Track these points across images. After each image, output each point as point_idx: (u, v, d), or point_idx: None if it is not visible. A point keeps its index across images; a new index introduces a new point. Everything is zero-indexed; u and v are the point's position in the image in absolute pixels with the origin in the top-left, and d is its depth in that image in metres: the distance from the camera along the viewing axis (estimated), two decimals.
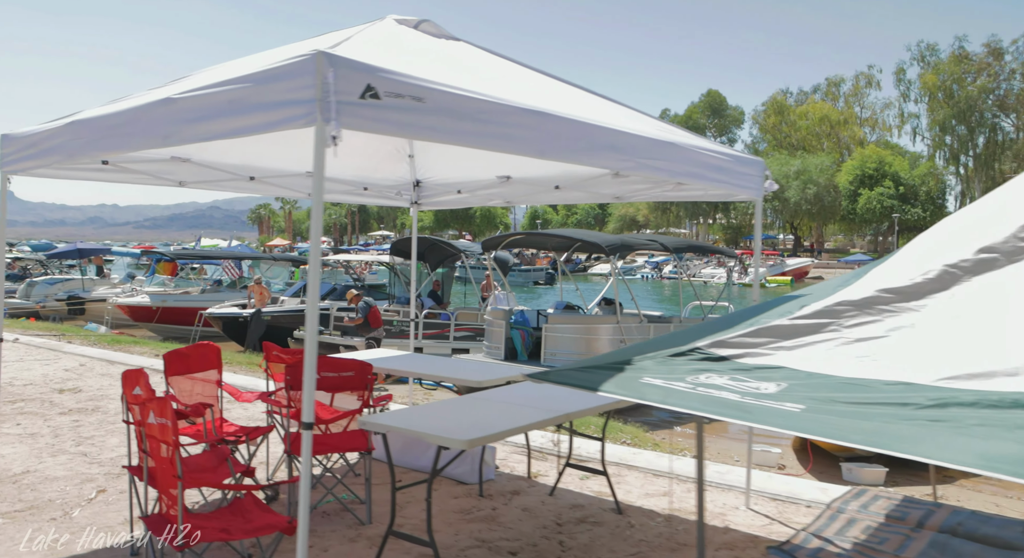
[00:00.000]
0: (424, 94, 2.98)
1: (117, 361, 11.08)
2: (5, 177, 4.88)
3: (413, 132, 2.97)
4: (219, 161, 5.78)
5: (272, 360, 5.65)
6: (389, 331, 16.34)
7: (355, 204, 10.03)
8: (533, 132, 3.44)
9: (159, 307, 22.04)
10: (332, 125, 2.67)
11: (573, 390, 5.30)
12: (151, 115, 3.45)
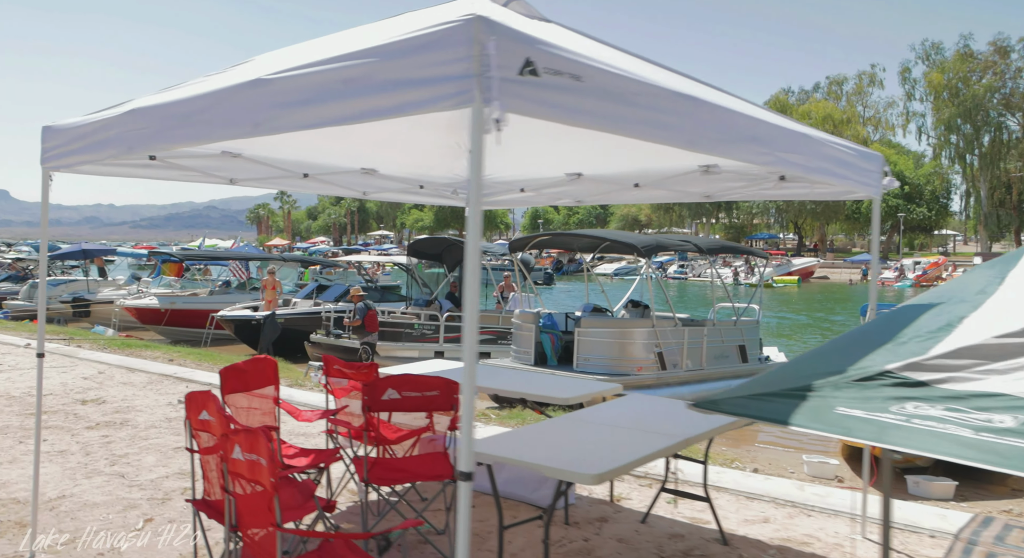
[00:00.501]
0: (582, 72, 2.49)
1: (137, 368, 10.57)
2: (47, 174, 4.38)
3: (570, 116, 2.48)
4: (272, 157, 5.29)
5: (333, 375, 5.16)
6: (410, 335, 15.86)
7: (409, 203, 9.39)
8: (686, 120, 2.95)
9: (167, 309, 21.52)
10: (495, 106, 2.18)
11: (677, 408, 4.84)
12: (236, 100, 2.96)
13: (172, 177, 4.92)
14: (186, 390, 9.01)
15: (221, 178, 5.22)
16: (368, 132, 5.37)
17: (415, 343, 15.91)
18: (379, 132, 5.44)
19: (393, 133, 5.53)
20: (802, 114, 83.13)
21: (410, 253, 18.86)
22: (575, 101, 2.47)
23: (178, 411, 7.95)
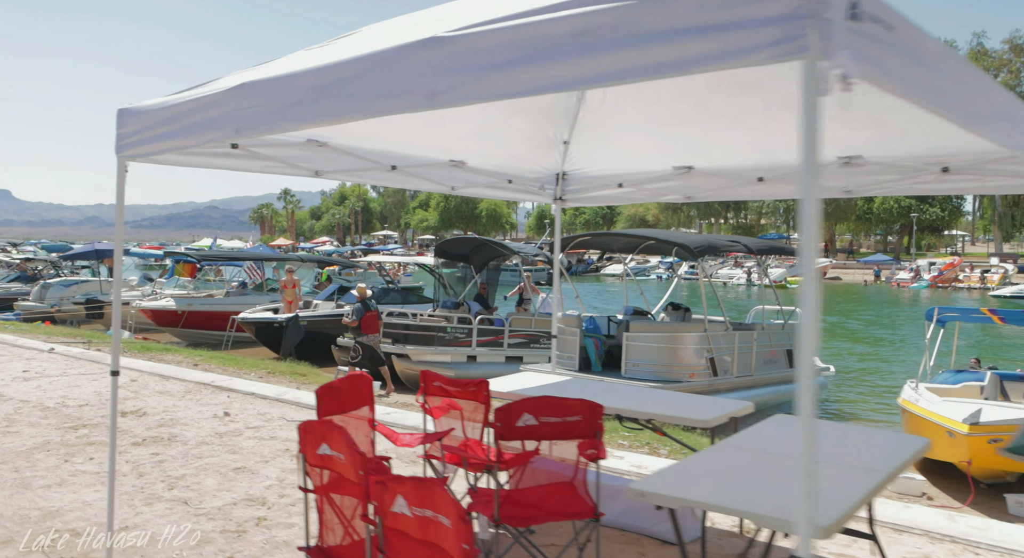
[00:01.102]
0: (895, 22, 1.91)
1: (171, 376, 9.98)
2: (123, 165, 3.80)
3: (884, 79, 1.89)
4: (358, 146, 4.71)
5: (433, 392, 4.57)
6: (442, 338, 15.28)
7: (497, 199, 8.43)
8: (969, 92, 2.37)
9: (184, 311, 20.96)
10: (845, 56, 1.59)
11: (849, 433, 4.25)
12: (399, 65, 2.38)
13: (253, 168, 4.34)
14: (228, 400, 8.45)
15: (305, 170, 4.63)
16: (461, 120, 4.80)
17: (448, 347, 15.34)
18: (472, 120, 4.87)
19: (487, 121, 4.96)
20: None
21: (437, 254, 18.28)
22: (886, 58, 1.88)
23: (227, 425, 7.36)
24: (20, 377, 9.75)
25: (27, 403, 8.20)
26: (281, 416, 7.76)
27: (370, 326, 13.24)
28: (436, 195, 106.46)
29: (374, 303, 14.25)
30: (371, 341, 13.29)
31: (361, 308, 13.21)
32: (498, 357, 16.13)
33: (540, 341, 16.95)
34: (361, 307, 13.22)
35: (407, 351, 14.84)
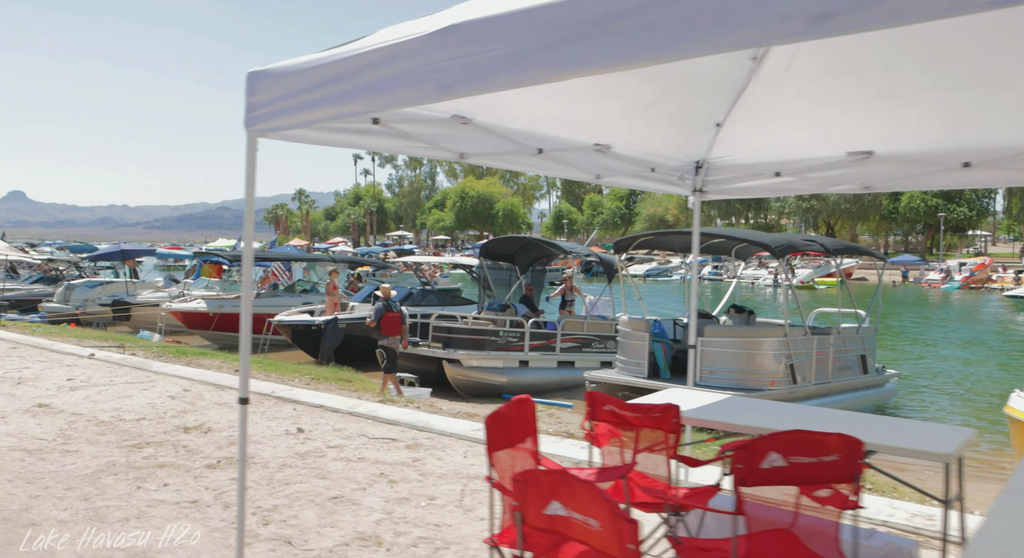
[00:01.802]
0: None
1: (226, 385, 9.28)
2: (253, 142, 3.07)
3: None
4: (504, 126, 3.98)
5: (603, 418, 3.83)
6: (494, 343, 14.55)
7: (635, 189, 7.41)
8: None
9: (215, 313, 20.30)
10: None
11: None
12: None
13: (395, 148, 3.62)
14: (295, 413, 7.74)
15: (450, 151, 3.89)
16: (612, 96, 4.06)
17: (500, 352, 14.61)
18: (624, 96, 4.13)
19: (641, 98, 4.21)
20: None
21: (483, 255, 17.55)
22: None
23: (304, 443, 6.64)
24: (66, 386, 9.07)
25: (80, 416, 7.51)
26: (360, 433, 7.03)
27: (391, 328, 12.61)
28: (452, 195, 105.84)
29: (397, 305, 13.63)
30: (392, 344, 12.67)
31: (382, 308, 12.57)
32: (550, 362, 15.43)
33: (592, 345, 16.23)
34: (382, 307, 12.58)
35: (458, 356, 14.11)
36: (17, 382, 9.28)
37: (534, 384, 15.07)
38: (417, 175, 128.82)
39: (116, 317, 23.63)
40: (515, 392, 15.19)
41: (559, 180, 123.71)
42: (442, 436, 6.91)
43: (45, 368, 10.39)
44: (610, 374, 12.49)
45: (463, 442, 6.72)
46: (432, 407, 10.29)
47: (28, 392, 8.67)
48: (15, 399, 8.27)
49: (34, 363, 10.87)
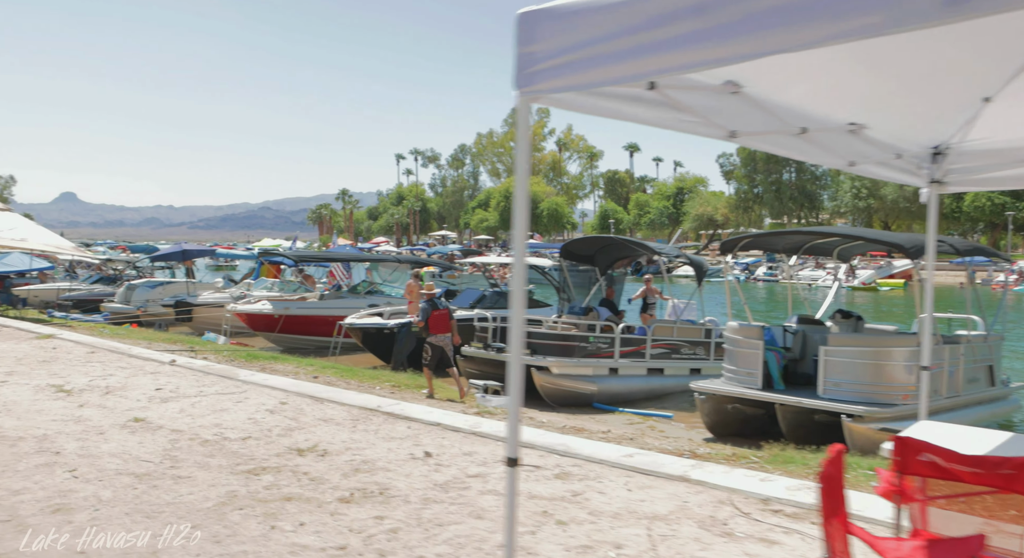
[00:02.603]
0: None
1: (326, 398, 8.57)
2: (526, 108, 2.27)
3: None
4: (770, 99, 3.14)
5: (921, 472, 2.95)
6: (584, 349, 13.72)
7: (872, 178, 6.38)
8: None
9: (281, 315, 19.77)
10: None
11: None
12: None
13: (665, 122, 2.81)
14: (412, 433, 6.99)
15: (720, 129, 3.07)
16: (880, 65, 3.21)
17: (590, 359, 13.77)
18: (893, 64, 3.25)
19: (909, 67, 3.34)
20: None
21: (563, 255, 16.73)
22: None
23: (438, 471, 5.88)
24: (156, 397, 8.45)
25: (180, 434, 6.85)
26: (495, 458, 6.24)
27: (439, 325, 12.02)
28: (496, 195, 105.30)
29: (443, 301, 12.96)
30: (441, 341, 12.05)
31: (427, 307, 12.01)
32: (639, 370, 14.55)
33: (681, 351, 15.31)
34: (427, 306, 12.02)
35: (547, 363, 13.30)
36: (105, 391, 8.69)
37: (624, 393, 14.23)
38: (460, 175, 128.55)
39: (178, 318, 23.29)
40: (604, 401, 14.37)
41: (602, 179, 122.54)
42: (590, 463, 6.09)
43: (129, 376, 9.82)
44: (718, 384, 11.56)
45: (617, 471, 5.90)
46: (534, 421, 9.51)
47: (119, 403, 8.06)
48: (108, 412, 7.66)
49: (116, 369, 10.32)
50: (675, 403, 14.77)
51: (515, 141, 2.37)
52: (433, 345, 12.01)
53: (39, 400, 8.18)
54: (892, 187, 66.30)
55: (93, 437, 6.68)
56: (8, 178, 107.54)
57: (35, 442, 6.51)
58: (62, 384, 9.07)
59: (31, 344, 12.86)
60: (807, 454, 7.78)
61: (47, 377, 9.60)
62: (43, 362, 10.88)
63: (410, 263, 22.64)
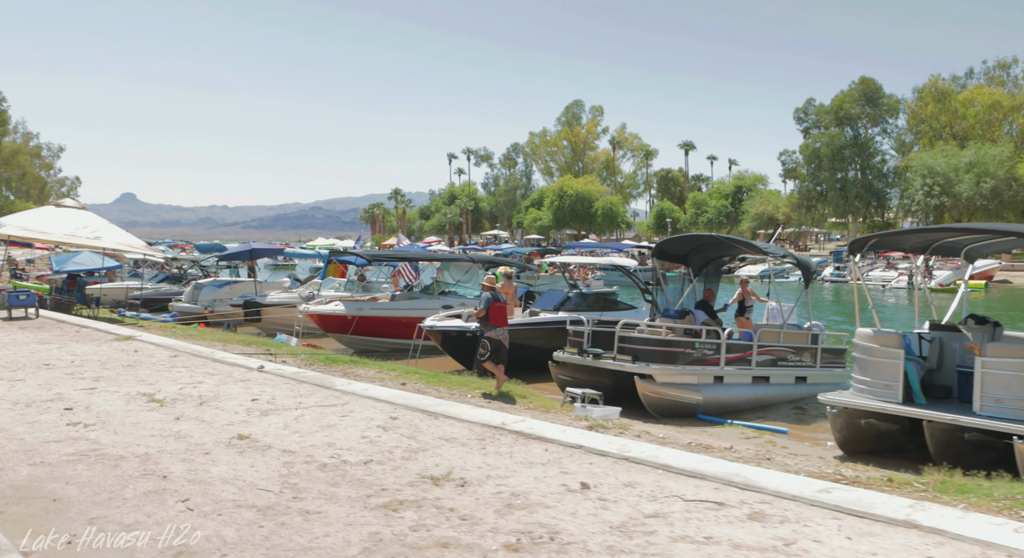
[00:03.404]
0: None
1: (440, 413, 7.73)
2: None
3: None
4: None
5: None
6: (689, 356, 12.72)
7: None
8: None
9: (354, 317, 19.13)
10: None
11: None
12: None
13: None
14: (551, 455, 6.12)
15: None
16: None
17: (695, 367, 12.76)
18: None
19: None
20: (964, 102, 75.83)
21: (657, 255, 15.72)
22: None
23: (607, 508, 4.97)
24: (255, 410, 7.74)
25: (293, 455, 6.09)
26: (665, 490, 5.32)
27: (498, 318, 11.31)
28: (549, 194, 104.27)
29: (502, 295, 12.11)
30: (499, 335, 11.33)
31: (490, 298, 11.24)
32: (744, 378, 13.47)
33: (787, 358, 14.19)
34: (490, 297, 11.25)
35: (651, 371, 12.33)
36: (199, 402, 8.01)
37: (729, 403, 13.19)
38: (512, 174, 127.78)
39: (247, 318, 22.88)
40: (710, 412, 13.33)
41: (655, 179, 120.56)
42: (780, 499, 5.13)
43: (219, 383, 9.15)
44: (852, 397, 10.44)
45: (819, 511, 4.92)
46: (652, 437, 8.58)
47: (217, 416, 7.36)
48: (208, 426, 6.94)
49: (204, 376, 9.67)
50: (779, 414, 13.70)
51: None
52: (491, 339, 11.34)
53: (132, 411, 7.53)
54: (968, 184, 63.51)
55: (199, 458, 5.95)
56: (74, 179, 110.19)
57: (138, 462, 5.80)
58: (153, 393, 8.42)
59: (111, 346, 12.36)
60: (981, 481, 6.71)
61: (135, 384, 8.98)
62: (128, 367, 10.31)
63: (485, 263, 21.85)
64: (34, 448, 6.21)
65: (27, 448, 6.21)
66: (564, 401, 12.33)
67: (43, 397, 8.18)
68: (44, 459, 5.90)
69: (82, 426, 6.91)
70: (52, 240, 21.12)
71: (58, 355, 11.29)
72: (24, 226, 19.35)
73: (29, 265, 49.07)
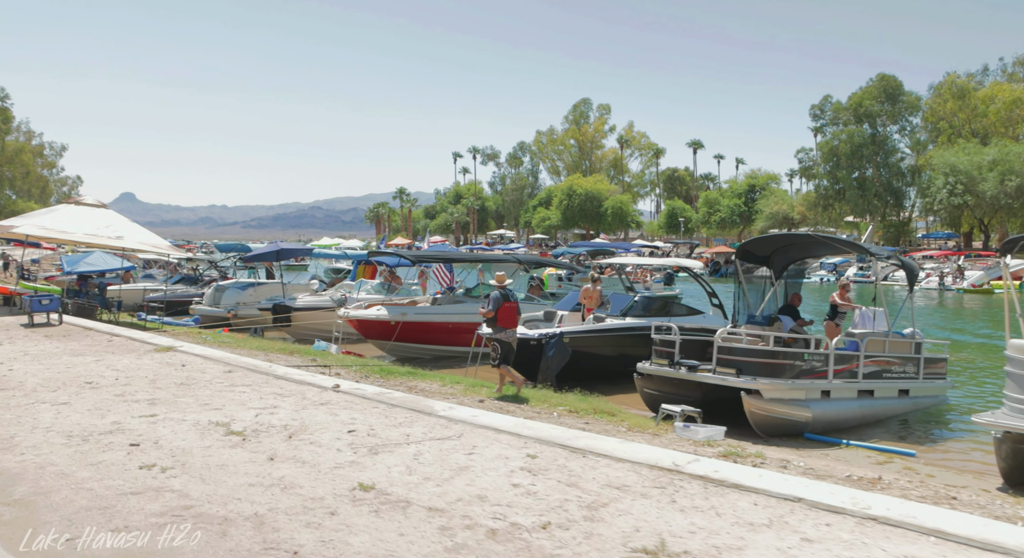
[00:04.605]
0: None
1: (583, 449, 6.37)
2: None
3: None
4: None
5: None
6: (795, 368, 11.40)
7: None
8: None
9: (398, 322, 17.79)
10: None
11: None
12: None
13: None
14: (759, 510, 4.79)
15: None
16: None
17: (803, 380, 11.43)
18: None
19: None
20: (983, 99, 74.50)
21: (739, 256, 14.39)
22: None
23: None
24: (357, 444, 6.40)
25: (447, 516, 4.75)
26: None
27: (508, 319, 10.69)
28: (558, 193, 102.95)
29: (514, 294, 11.18)
30: (508, 337, 10.79)
31: (499, 297, 10.43)
32: (850, 392, 12.16)
33: (892, 369, 12.88)
34: (499, 297, 10.44)
35: (759, 386, 11.01)
36: (286, 434, 6.68)
37: (837, 420, 11.88)
38: (519, 173, 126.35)
39: (275, 324, 21.52)
40: (817, 431, 12.00)
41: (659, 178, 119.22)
42: None
43: (297, 408, 7.81)
44: (1008, 418, 9.09)
45: None
46: (806, 469, 7.28)
47: (319, 456, 6.02)
48: (315, 472, 5.61)
49: (274, 397, 8.33)
50: (883, 431, 12.41)
51: None
52: (501, 341, 10.69)
53: (212, 448, 6.19)
54: (992, 182, 62.21)
55: (327, 521, 4.62)
56: (75, 178, 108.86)
57: (251, 529, 4.47)
58: (227, 422, 7.09)
59: (153, 359, 11.03)
60: None
61: (200, 409, 7.65)
62: (182, 385, 8.97)
63: (531, 263, 20.50)
64: (110, 504, 4.89)
65: (101, 503, 4.89)
66: (659, 418, 11.04)
67: (99, 427, 6.85)
68: (127, 521, 4.57)
69: (159, 470, 5.58)
70: (72, 240, 19.80)
71: (98, 370, 9.96)
72: (43, 226, 18.00)
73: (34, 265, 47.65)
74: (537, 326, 16.06)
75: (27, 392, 8.48)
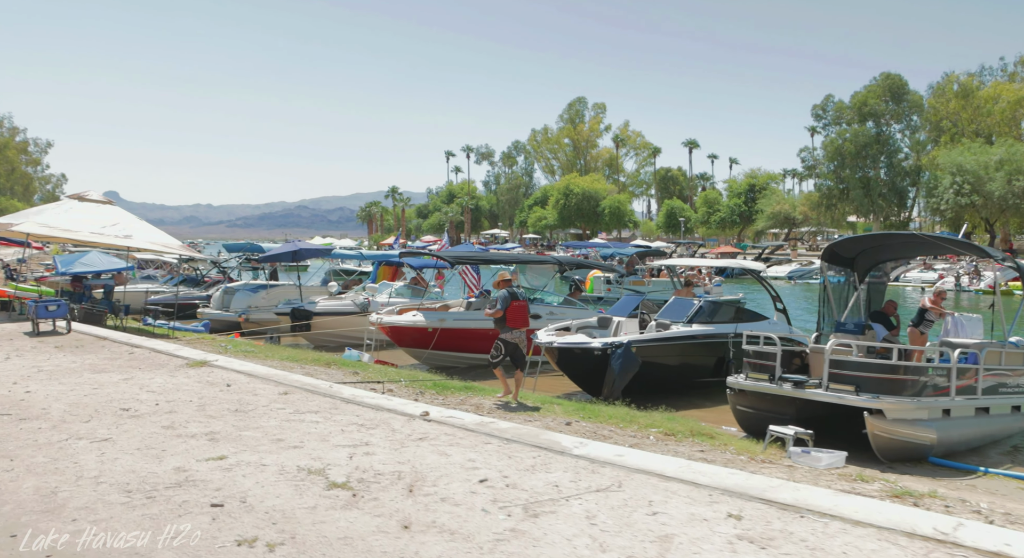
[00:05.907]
0: None
1: (792, 504, 5.00)
2: None
3: None
4: None
5: None
6: (919, 384, 10.11)
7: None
8: None
9: (436, 329, 16.38)
10: None
11: None
12: None
13: None
14: None
15: None
16: None
17: (927, 398, 10.14)
18: None
19: None
20: (987, 98, 73.74)
21: (825, 258, 13.08)
22: None
23: None
24: (505, 503, 5.00)
25: None
26: None
27: (517, 319, 10.11)
28: (554, 193, 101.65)
29: (522, 292, 10.66)
30: (515, 337, 10.14)
31: (508, 296, 10.07)
32: (968, 410, 10.88)
33: (1006, 384, 11.63)
34: (508, 295, 10.07)
35: (883, 405, 9.69)
36: (406, 488, 5.25)
37: (960, 442, 10.64)
38: (514, 172, 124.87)
39: (293, 329, 20.03)
40: (940, 454, 10.71)
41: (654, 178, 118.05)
42: None
43: (395, 446, 6.39)
44: None
45: None
46: (980, 513, 5.96)
47: (462, 522, 4.61)
48: (472, 547, 4.19)
49: (358, 431, 6.89)
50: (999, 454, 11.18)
51: None
52: (507, 341, 10.12)
53: (319, 510, 4.77)
54: (999, 182, 61.38)
55: None
56: (60, 176, 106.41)
57: None
58: (321, 469, 5.65)
59: (190, 377, 9.56)
60: None
61: (276, 449, 6.21)
62: (238, 413, 7.52)
63: (569, 265, 19.12)
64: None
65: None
66: (767, 442, 9.70)
67: (160, 478, 5.40)
68: None
69: (265, 548, 4.16)
70: (77, 239, 18.24)
71: (131, 392, 8.48)
72: (46, 223, 16.46)
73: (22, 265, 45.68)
74: (593, 334, 14.72)
75: (55, 423, 7.02)
